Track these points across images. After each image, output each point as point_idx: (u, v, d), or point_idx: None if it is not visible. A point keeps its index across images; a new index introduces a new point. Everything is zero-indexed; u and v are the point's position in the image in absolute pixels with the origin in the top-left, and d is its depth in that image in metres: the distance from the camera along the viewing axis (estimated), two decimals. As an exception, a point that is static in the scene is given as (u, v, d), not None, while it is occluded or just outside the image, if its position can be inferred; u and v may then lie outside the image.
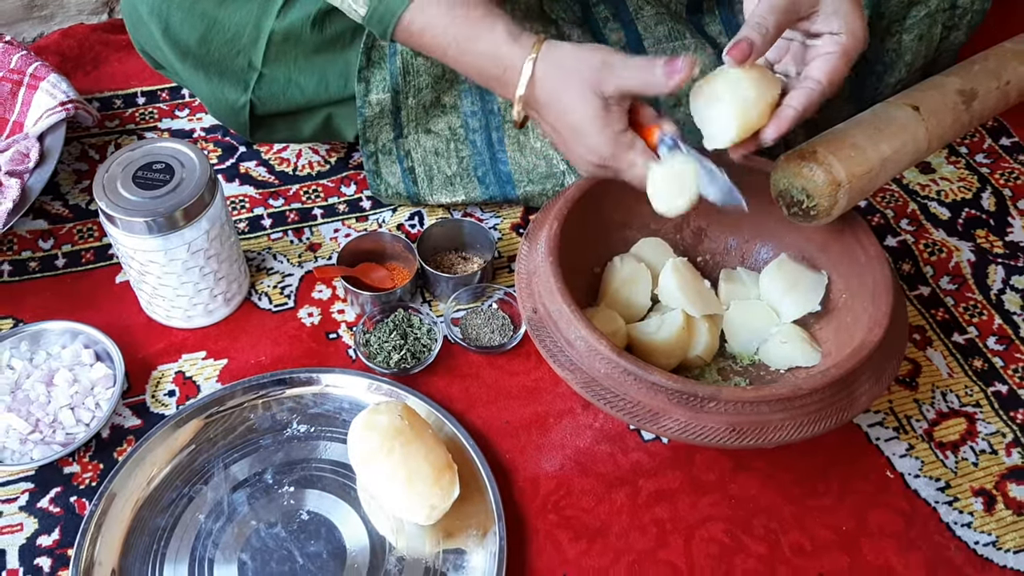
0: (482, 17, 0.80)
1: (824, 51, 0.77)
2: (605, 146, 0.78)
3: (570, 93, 0.77)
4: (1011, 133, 1.21)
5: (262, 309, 1.01)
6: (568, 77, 0.77)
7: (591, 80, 0.76)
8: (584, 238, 0.92)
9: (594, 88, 0.76)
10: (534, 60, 0.78)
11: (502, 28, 0.80)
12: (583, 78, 0.76)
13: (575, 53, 0.78)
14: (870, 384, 0.80)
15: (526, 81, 0.79)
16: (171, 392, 0.94)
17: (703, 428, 0.77)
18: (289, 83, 1.01)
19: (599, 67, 0.76)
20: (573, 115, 0.78)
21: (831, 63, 0.77)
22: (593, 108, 0.77)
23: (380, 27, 0.84)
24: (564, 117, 0.79)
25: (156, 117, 1.21)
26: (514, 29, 0.80)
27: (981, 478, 0.90)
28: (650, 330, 0.90)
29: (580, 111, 0.77)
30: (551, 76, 0.78)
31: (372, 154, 1.05)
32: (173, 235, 0.88)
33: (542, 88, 0.79)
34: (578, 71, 0.77)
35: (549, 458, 0.89)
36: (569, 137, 0.80)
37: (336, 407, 0.92)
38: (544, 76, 0.78)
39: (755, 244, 0.99)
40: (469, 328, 0.98)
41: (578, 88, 0.77)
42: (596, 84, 0.76)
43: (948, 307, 1.03)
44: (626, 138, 0.78)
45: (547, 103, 0.79)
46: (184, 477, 0.87)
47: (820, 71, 0.77)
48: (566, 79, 0.77)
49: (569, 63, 0.77)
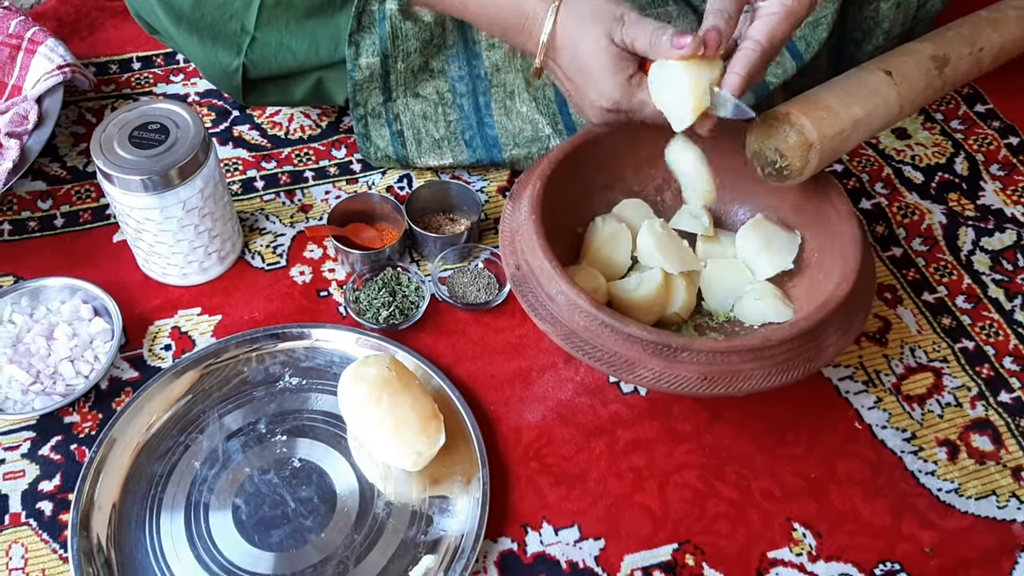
0: None
1: (767, 12, 0.79)
2: (616, 89, 0.81)
3: (587, 40, 0.81)
4: (986, 100, 1.24)
5: (255, 267, 1.04)
6: (586, 25, 0.81)
7: (607, 29, 0.80)
8: (567, 199, 0.95)
9: (611, 35, 0.80)
10: (556, 8, 0.82)
11: None
12: (601, 27, 0.80)
13: (595, 3, 0.81)
14: (837, 336, 0.84)
15: (548, 29, 0.82)
16: (167, 346, 0.97)
17: (676, 377, 0.80)
18: (281, 47, 1.03)
19: (617, 19, 0.80)
20: (588, 60, 0.81)
21: (772, 23, 0.78)
22: (607, 54, 0.80)
23: None
24: (578, 62, 0.82)
25: (151, 82, 1.23)
26: None
27: (946, 429, 0.93)
28: (630, 287, 0.94)
29: (595, 57, 0.81)
30: (571, 25, 0.82)
31: (362, 117, 1.08)
32: (168, 193, 0.91)
33: (562, 36, 0.82)
34: (597, 20, 0.80)
35: (531, 409, 0.93)
36: (582, 82, 0.83)
37: (327, 360, 0.95)
38: (564, 24, 0.82)
39: (732, 205, 1.02)
40: (456, 286, 1.02)
41: (594, 35, 0.80)
42: (611, 33, 0.80)
43: (919, 267, 1.06)
44: (636, 80, 0.81)
45: (564, 49, 0.83)
46: (180, 426, 0.90)
47: (759, 31, 0.78)
48: (584, 27, 0.81)
49: (590, 12, 0.81)
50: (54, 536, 0.84)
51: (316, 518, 0.84)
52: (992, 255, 1.07)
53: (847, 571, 0.84)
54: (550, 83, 1.11)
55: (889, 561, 0.84)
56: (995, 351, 0.99)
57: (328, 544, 0.83)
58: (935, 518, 0.87)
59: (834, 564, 0.84)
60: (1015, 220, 1.11)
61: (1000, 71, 1.09)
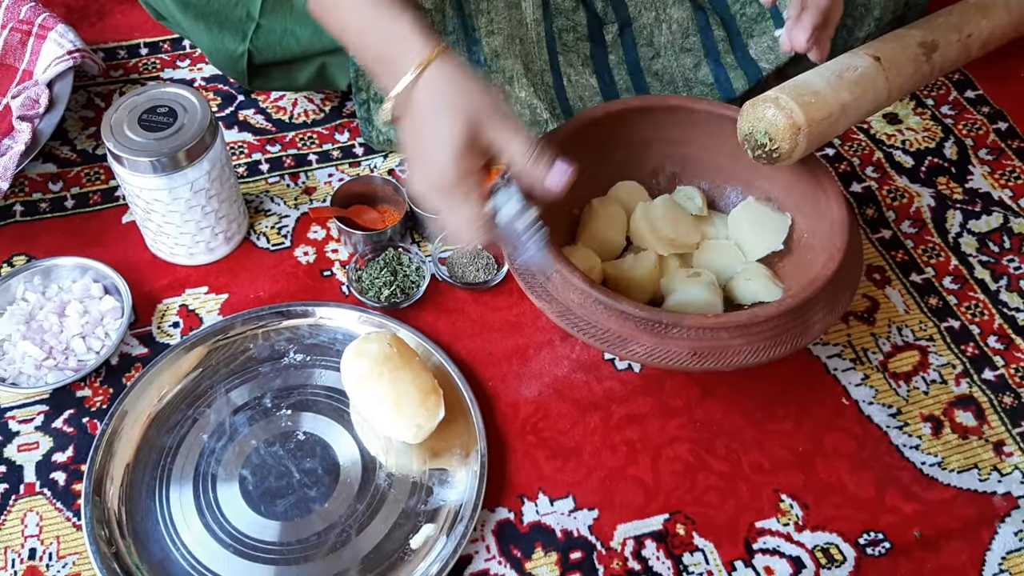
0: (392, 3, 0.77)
1: None
2: (450, 178, 0.74)
3: (446, 113, 0.74)
4: (976, 86, 1.26)
5: (260, 248, 1.06)
6: (451, 97, 0.74)
7: (474, 114, 0.74)
8: (563, 181, 0.98)
9: (473, 121, 0.74)
10: (424, 65, 0.74)
11: (409, 18, 0.76)
12: (464, 105, 0.74)
13: (472, 80, 0.75)
14: (824, 313, 0.86)
15: (408, 81, 0.74)
16: (175, 323, 1.00)
17: (667, 352, 0.83)
18: (285, 33, 1.06)
19: (486, 107, 0.74)
20: (438, 134, 0.74)
21: None
22: (461, 139, 0.73)
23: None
24: (427, 130, 0.75)
25: (158, 67, 1.26)
26: (419, 25, 0.76)
27: (930, 405, 0.96)
28: (624, 267, 0.96)
29: (446, 134, 0.73)
30: (435, 87, 0.74)
31: (364, 102, 1.10)
32: (176, 174, 0.94)
33: (422, 95, 0.75)
34: (465, 97, 0.74)
35: (528, 385, 0.96)
36: (423, 151, 0.76)
37: (330, 338, 0.98)
38: (428, 84, 0.74)
39: (725, 188, 1.04)
40: (455, 267, 1.04)
41: (457, 113, 0.73)
42: (477, 120, 0.74)
43: (908, 249, 1.08)
44: (471, 181, 0.75)
45: (419, 109, 0.75)
46: (188, 400, 0.93)
47: None
48: (448, 98, 0.74)
49: (460, 85, 0.74)
50: (68, 505, 0.87)
51: (320, 488, 0.87)
52: (979, 237, 1.10)
53: (832, 540, 0.87)
54: (548, 68, 1.13)
55: (873, 531, 0.87)
56: (980, 330, 1.02)
57: (331, 513, 0.86)
58: (918, 490, 0.90)
59: (820, 534, 0.87)
60: (1002, 203, 1.13)
61: (990, 57, 1.11)
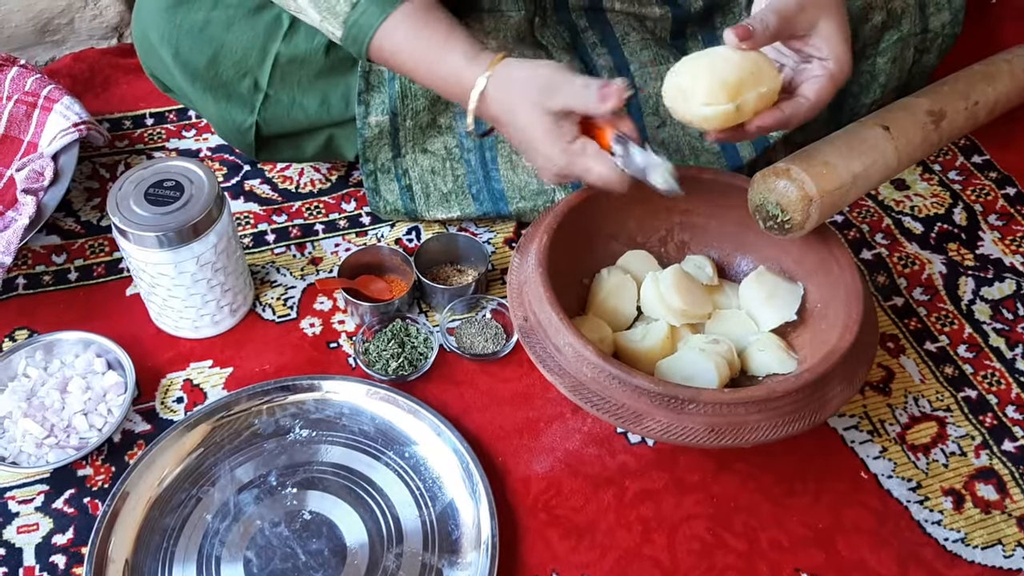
0: (444, 41, 0.87)
1: (813, 74, 0.84)
2: (559, 157, 0.84)
3: (522, 110, 0.84)
4: (982, 151, 1.26)
5: (266, 320, 1.05)
6: (517, 95, 0.84)
7: (538, 98, 0.83)
8: (573, 250, 0.97)
9: (541, 105, 0.83)
10: (487, 77, 0.85)
11: (460, 51, 0.87)
12: (531, 97, 0.83)
13: (525, 71, 0.84)
14: (842, 387, 0.85)
15: (476, 97, 0.86)
16: (179, 399, 0.98)
17: (684, 429, 0.81)
18: (293, 104, 1.06)
19: (545, 86, 0.82)
20: (526, 130, 0.85)
21: (819, 84, 0.84)
22: (543, 124, 0.83)
23: (355, 48, 0.91)
24: (519, 132, 0.86)
25: (164, 137, 1.26)
26: (472, 50, 0.86)
27: (951, 478, 0.94)
28: (636, 338, 0.95)
29: (531, 127, 0.84)
30: (502, 94, 0.85)
31: (371, 173, 1.10)
32: (183, 249, 0.93)
33: (495, 105, 0.86)
34: (526, 89, 0.83)
35: (540, 460, 0.94)
36: (526, 149, 0.87)
37: (336, 412, 0.96)
38: (495, 94, 0.85)
39: (735, 257, 1.03)
40: (464, 337, 1.03)
41: (527, 106, 0.83)
42: (543, 102, 0.82)
43: (921, 317, 1.07)
44: (576, 146, 0.84)
45: (501, 119, 0.86)
46: (192, 479, 0.91)
47: (810, 90, 0.84)
48: (516, 97, 0.84)
49: (518, 81, 0.84)
50: (67, 590, 0.85)
51: (327, 571, 0.85)
52: (992, 304, 1.09)
53: (856, 622, 0.85)
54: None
55: (897, 611, 0.85)
56: (997, 400, 1.00)
57: (339, 597, 0.84)
58: (942, 568, 0.88)
59: (843, 615, 0.85)
60: (1014, 269, 1.12)
61: (996, 123, 1.12)
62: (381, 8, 0.87)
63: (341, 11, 0.88)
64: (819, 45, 0.84)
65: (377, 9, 0.87)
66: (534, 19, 1.09)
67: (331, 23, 0.90)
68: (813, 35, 0.83)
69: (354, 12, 0.88)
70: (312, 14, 0.90)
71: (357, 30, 0.89)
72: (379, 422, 0.96)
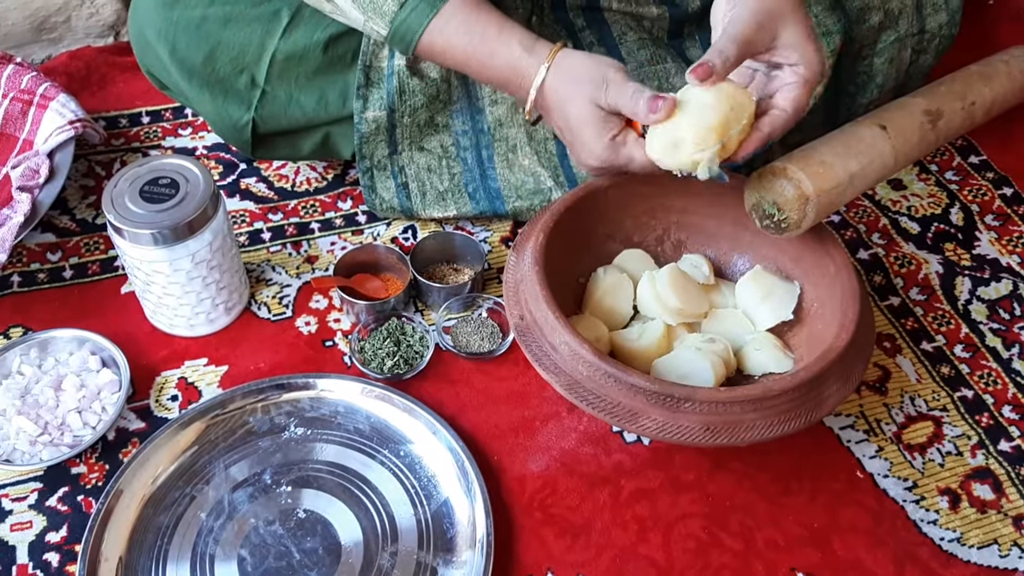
0: (498, 34, 0.88)
1: (786, 81, 0.84)
2: (603, 150, 0.85)
3: (574, 102, 0.85)
4: (979, 151, 1.26)
5: (261, 318, 1.05)
6: (573, 87, 0.85)
7: (592, 92, 0.84)
8: (569, 249, 0.97)
9: (594, 100, 0.84)
10: (547, 68, 0.86)
11: (517, 42, 0.87)
12: (586, 90, 0.84)
13: (584, 64, 0.85)
14: (838, 386, 0.85)
15: (537, 87, 0.87)
16: (174, 397, 0.98)
17: (679, 427, 0.81)
18: (290, 102, 1.06)
19: (599, 83, 0.83)
20: (576, 122, 0.85)
21: (794, 92, 0.83)
22: (591, 117, 0.84)
23: (402, 46, 0.91)
24: (568, 122, 0.86)
25: (160, 135, 1.25)
26: (528, 40, 0.88)
27: (947, 478, 0.94)
28: (632, 337, 0.95)
29: (581, 119, 0.85)
30: (559, 85, 0.86)
31: (368, 170, 1.10)
32: (178, 246, 0.92)
33: (551, 95, 0.87)
34: (582, 83, 0.84)
35: (535, 459, 0.94)
36: (572, 139, 0.88)
37: (332, 411, 0.96)
38: (553, 84, 0.86)
39: (732, 256, 1.03)
40: (459, 336, 1.03)
41: (581, 97, 0.84)
42: (595, 97, 0.83)
43: (917, 317, 1.07)
44: (620, 139, 0.85)
45: (553, 108, 0.87)
46: (186, 477, 0.91)
47: (785, 100, 0.83)
48: (571, 89, 0.85)
49: (576, 74, 0.85)
50: (60, 588, 0.84)
51: (321, 569, 0.85)
52: (989, 304, 1.09)
53: (851, 621, 0.84)
54: (552, 137, 1.13)
55: (893, 611, 0.85)
56: (994, 400, 1.00)
57: (333, 595, 0.84)
58: (938, 567, 0.88)
59: (838, 614, 0.85)
60: (1011, 270, 1.12)
61: (993, 123, 1.12)
62: (431, 4, 0.88)
63: (389, 10, 0.89)
64: (786, 53, 0.83)
65: (427, 6, 0.88)
66: (531, 18, 1.08)
67: (376, 23, 0.90)
68: (778, 45, 0.83)
69: (403, 11, 0.88)
70: (354, 14, 0.91)
71: (406, 28, 0.89)
72: (374, 420, 0.95)
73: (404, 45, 0.91)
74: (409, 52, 0.92)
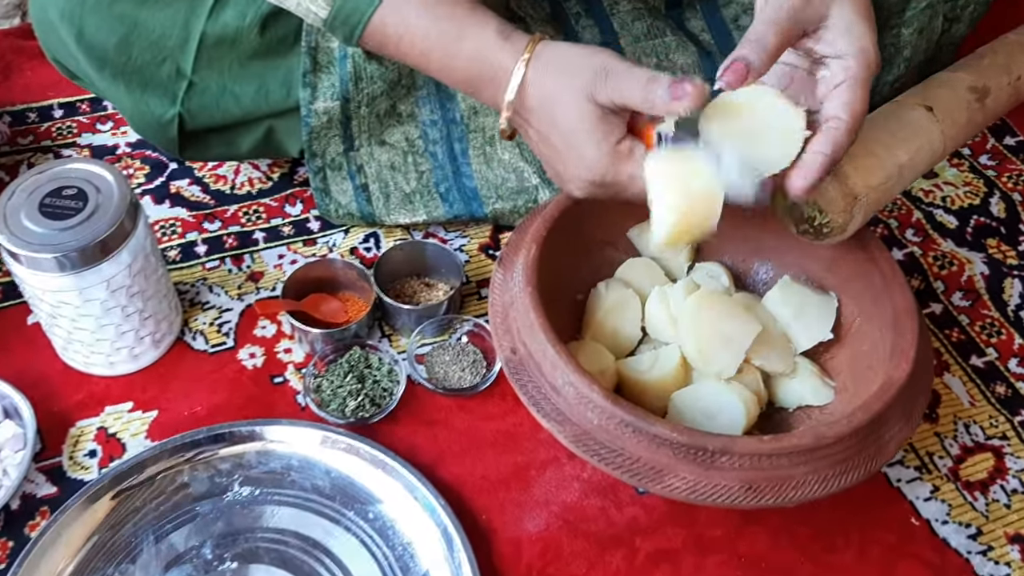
0: (469, 14, 0.73)
1: (836, 81, 0.66)
2: (602, 160, 0.68)
3: (563, 100, 0.68)
4: (1015, 131, 1.13)
5: (197, 350, 0.89)
6: (562, 82, 0.68)
7: (587, 86, 0.67)
8: (564, 262, 0.82)
9: (589, 95, 0.67)
10: (527, 61, 0.70)
11: (493, 26, 0.72)
12: (578, 84, 0.67)
13: (572, 55, 0.69)
14: (900, 426, 0.71)
15: (516, 85, 0.70)
16: (92, 452, 0.82)
17: (715, 487, 0.66)
18: (224, 92, 0.90)
19: (597, 72, 0.67)
20: (566, 125, 0.69)
21: (848, 95, 0.66)
22: (589, 118, 0.68)
23: (346, 30, 0.76)
24: (556, 127, 0.70)
25: (75, 132, 1.08)
26: (506, 27, 0.72)
27: (1015, 522, 0.81)
28: (642, 368, 0.80)
29: (574, 121, 0.68)
30: (543, 80, 0.70)
31: (319, 170, 0.94)
32: (88, 272, 0.77)
33: (533, 93, 0.70)
34: (573, 75, 0.68)
35: (533, 517, 0.79)
36: (562, 150, 0.70)
37: (283, 465, 0.80)
38: (536, 80, 0.70)
39: (752, 263, 0.89)
40: (436, 366, 0.87)
41: (572, 95, 0.68)
42: (592, 91, 0.67)
43: (963, 326, 0.94)
44: (624, 147, 0.68)
45: (537, 110, 0.71)
46: (108, 554, 0.75)
47: (839, 106, 0.66)
48: (559, 84, 0.69)
49: (564, 66, 0.69)
50: None
51: (276, 668, 0.69)
52: (1043, 310, 0.96)
53: None
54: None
55: None
56: (1060, 423, 0.87)
57: None
58: (1014, 632, 0.74)
59: None
60: (1063, 268, 0.99)
61: (1027, 99, 0.99)
62: None
63: None
64: (833, 40, 0.66)
65: None
66: (510, -12, 0.93)
67: (313, 3, 0.75)
68: (824, 28, 0.66)
69: None
70: None
71: (351, 8, 0.74)
72: (336, 476, 0.80)
73: (348, 29, 0.76)
74: (354, 40, 0.76)
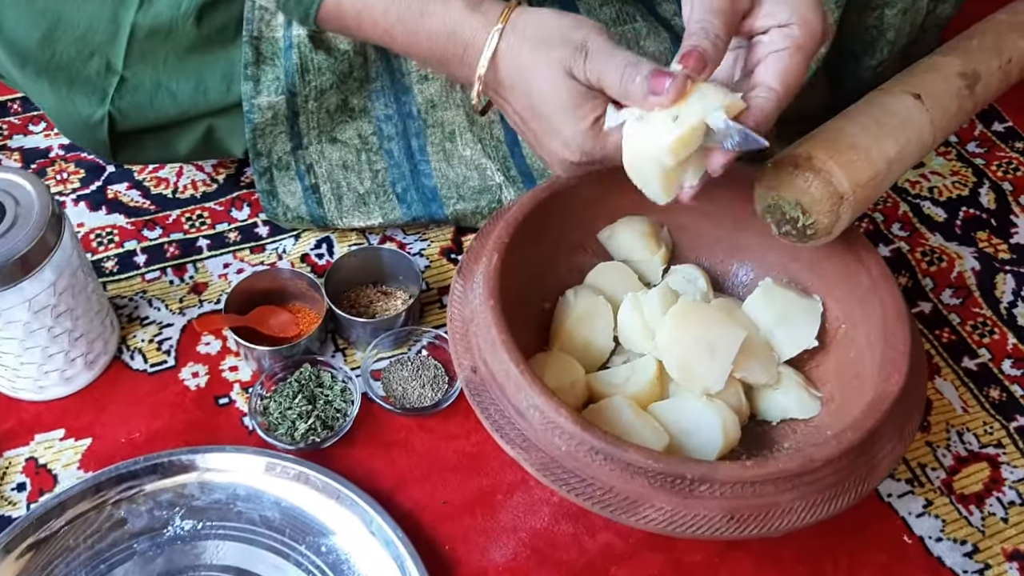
0: None
1: (771, 49, 0.62)
2: (583, 137, 0.64)
3: (539, 74, 0.63)
4: (1004, 117, 1.08)
5: (135, 370, 0.82)
6: (539, 52, 0.63)
7: (565, 60, 0.62)
8: (530, 269, 0.76)
9: (569, 68, 0.63)
10: (500, 31, 0.65)
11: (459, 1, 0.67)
12: (555, 56, 0.63)
13: (552, 24, 0.64)
14: (893, 444, 0.66)
15: (488, 58, 0.66)
16: (20, 486, 0.76)
17: (694, 518, 0.61)
18: (158, 89, 0.83)
19: (577, 48, 0.62)
20: (543, 102, 0.64)
21: (784, 62, 0.61)
22: (565, 92, 0.63)
23: (300, 10, 0.73)
24: (533, 104, 0.65)
25: (5, 134, 1.01)
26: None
27: (1013, 537, 0.76)
28: (616, 381, 0.74)
29: (552, 97, 0.63)
30: (518, 51, 0.65)
31: (265, 170, 0.88)
32: (7, 292, 0.70)
33: (506, 66, 0.65)
34: (551, 47, 0.63)
35: (499, 545, 0.73)
36: (540, 129, 0.66)
37: (228, 496, 0.74)
38: (509, 51, 0.65)
39: (730, 265, 0.83)
40: (393, 383, 0.81)
41: (549, 68, 0.63)
42: (572, 64, 0.62)
43: (954, 326, 0.88)
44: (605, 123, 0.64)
45: (512, 85, 0.66)
46: (35, 601, 0.68)
47: (772, 74, 0.61)
48: (536, 55, 0.64)
49: (542, 35, 0.64)
50: None
51: None
52: (1037, 306, 0.91)
53: None
54: (498, 119, 0.92)
55: None
56: (1057, 429, 0.82)
57: None
58: (1015, 657, 0.69)
59: None
60: (1057, 261, 0.94)
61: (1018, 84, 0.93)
62: None
63: None
64: (771, 11, 0.62)
65: None
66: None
67: None
68: (759, 4, 0.62)
69: None
70: None
71: None
72: (286, 507, 0.74)
73: (303, 10, 0.71)
74: (310, 20, 0.72)
